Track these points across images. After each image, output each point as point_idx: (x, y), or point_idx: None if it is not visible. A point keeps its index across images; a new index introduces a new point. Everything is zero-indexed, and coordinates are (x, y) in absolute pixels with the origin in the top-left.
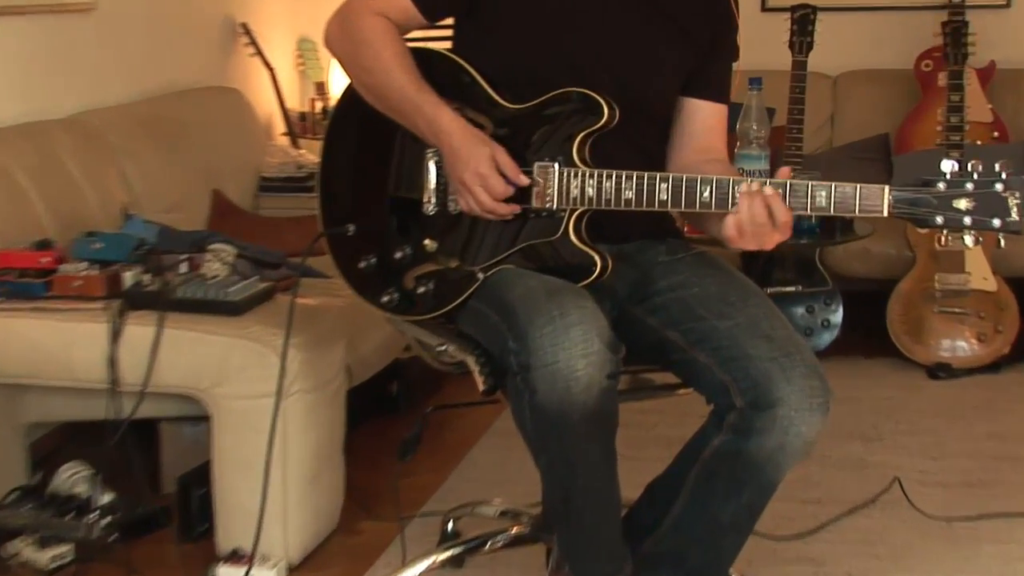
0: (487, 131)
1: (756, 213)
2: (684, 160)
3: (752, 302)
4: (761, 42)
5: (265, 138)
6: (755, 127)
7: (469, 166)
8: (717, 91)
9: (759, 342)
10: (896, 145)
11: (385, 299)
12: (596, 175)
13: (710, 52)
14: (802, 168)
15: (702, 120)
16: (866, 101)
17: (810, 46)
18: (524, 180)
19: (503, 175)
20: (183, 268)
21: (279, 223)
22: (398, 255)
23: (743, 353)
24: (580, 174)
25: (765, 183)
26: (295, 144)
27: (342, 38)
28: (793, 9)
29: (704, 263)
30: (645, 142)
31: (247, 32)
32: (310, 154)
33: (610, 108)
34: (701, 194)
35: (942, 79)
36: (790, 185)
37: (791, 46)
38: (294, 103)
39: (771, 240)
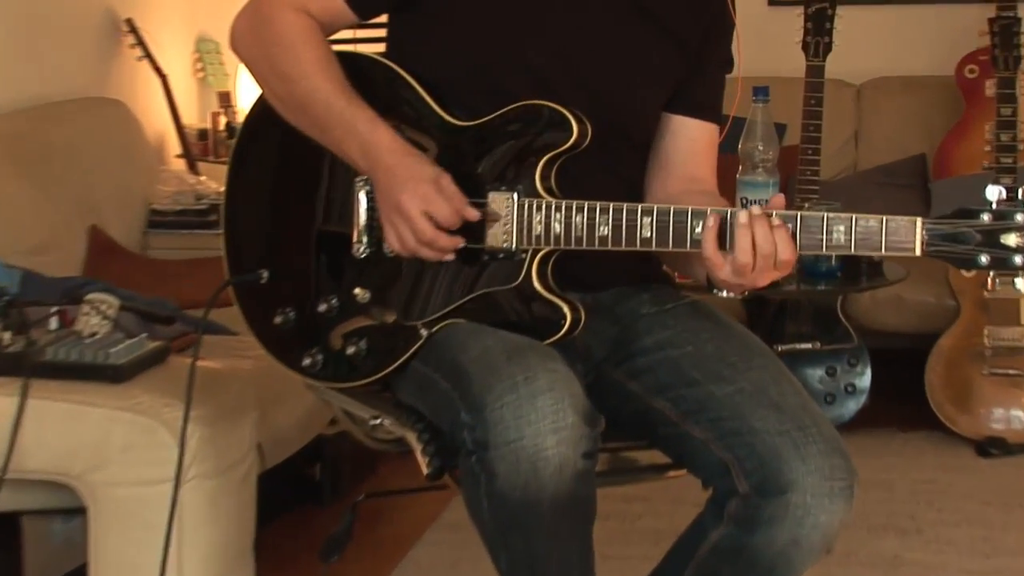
0: (430, 155)
1: (762, 243)
2: (667, 191)
3: (758, 363)
4: (769, 43)
5: (156, 162)
6: (761, 147)
7: (406, 188)
8: (707, 107)
9: (767, 412)
10: (935, 168)
11: (307, 362)
12: (564, 208)
13: (701, 59)
14: (819, 198)
15: (688, 142)
16: (897, 115)
17: (828, 48)
18: (473, 214)
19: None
20: (53, 324)
21: (173, 267)
22: (322, 307)
23: (747, 426)
24: (544, 206)
25: (771, 215)
26: (193, 169)
27: (252, 39)
28: (807, 3)
29: (698, 315)
30: (623, 168)
31: (133, 30)
32: (212, 182)
33: (580, 125)
34: (692, 230)
35: (990, 88)
36: (801, 218)
37: (805, 48)
38: (192, 118)
39: (766, 278)
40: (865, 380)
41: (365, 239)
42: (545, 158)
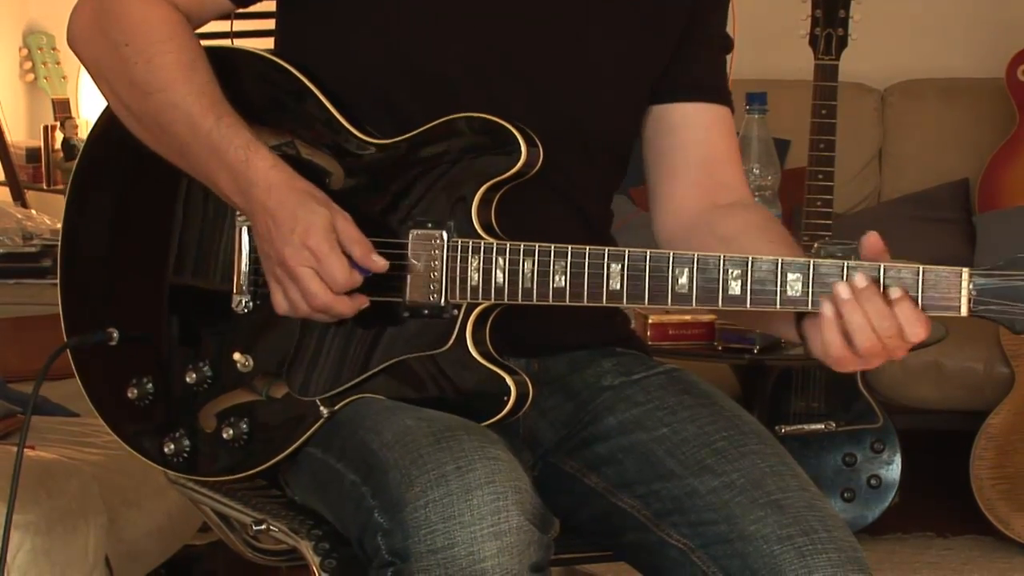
0: (334, 182)
1: (883, 328)
2: (685, 211)
3: (752, 448)
4: (767, 36)
5: None
6: (757, 170)
7: (290, 240)
8: (712, 87)
9: (763, 512)
10: (980, 197)
11: (168, 449)
12: (509, 251)
13: (690, 37)
14: (832, 236)
15: (701, 133)
16: (932, 128)
17: (843, 42)
18: (381, 264)
19: (348, 255)
20: None
21: None
22: (190, 377)
23: (738, 530)
24: (483, 249)
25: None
26: (19, 200)
27: (96, 35)
28: None
29: (676, 388)
30: (580, 195)
31: None
32: (45, 216)
33: (530, 147)
34: (676, 281)
35: None
36: (814, 267)
37: (813, 42)
38: (19, 134)
39: (899, 352)
40: (894, 471)
41: (248, 290)
42: (484, 187)
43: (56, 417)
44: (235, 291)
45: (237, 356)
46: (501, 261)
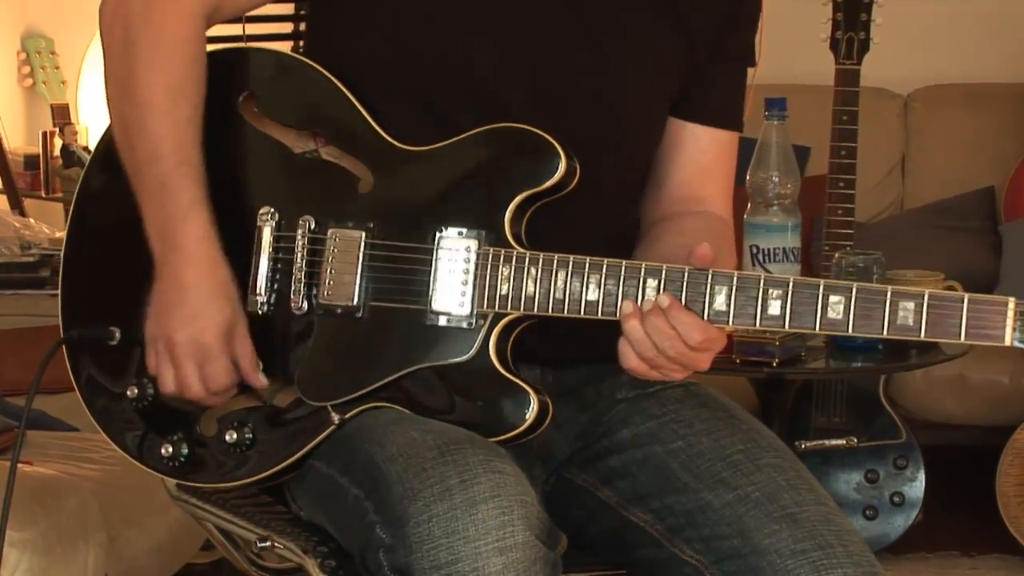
0: (363, 186)
1: (658, 338)
2: (653, 214)
3: (768, 462)
4: (787, 40)
5: None
6: (777, 178)
7: (184, 328)
8: (719, 110)
9: (778, 527)
10: (1006, 206)
11: (166, 451)
12: (542, 262)
13: (713, 50)
14: (854, 246)
15: (695, 154)
16: (957, 134)
17: (866, 46)
18: (261, 382)
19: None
20: None
21: None
22: None
23: (752, 545)
24: (515, 259)
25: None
26: (17, 208)
27: (118, 18)
28: None
29: (692, 401)
30: (615, 201)
31: None
32: (44, 225)
33: (568, 160)
34: (715, 299)
35: None
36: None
37: (834, 46)
38: (17, 140)
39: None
40: (917, 488)
41: (264, 289)
42: (519, 197)
43: (54, 432)
44: (251, 292)
45: None
46: (533, 271)
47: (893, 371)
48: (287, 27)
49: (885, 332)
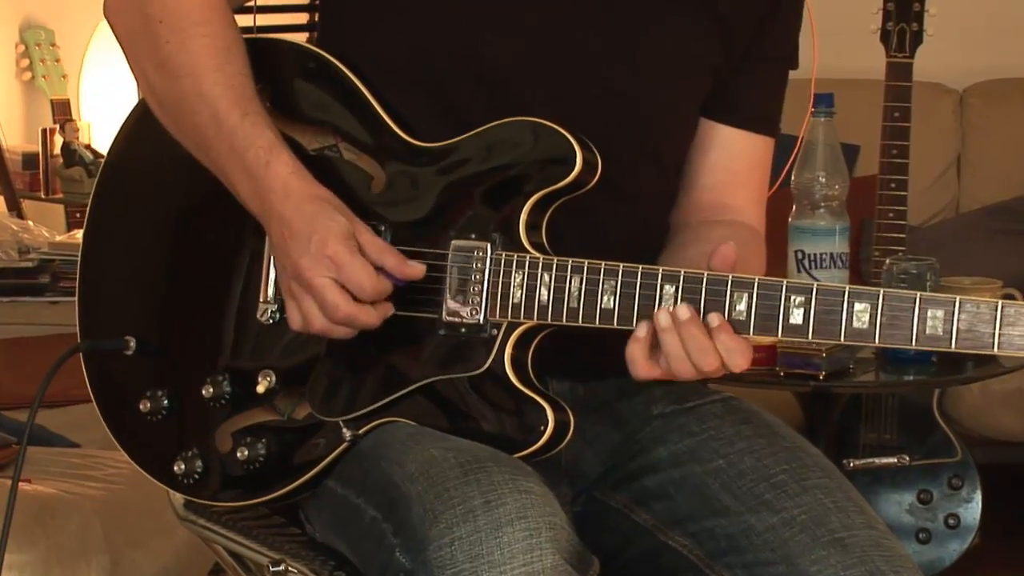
0: (374, 185)
1: (704, 363)
2: (676, 221)
3: (815, 482)
4: (835, 32)
5: None
6: (824, 178)
7: (307, 249)
8: (754, 113)
9: (826, 552)
10: None
11: (179, 468)
12: (556, 267)
13: (752, 51)
14: (907, 251)
15: (725, 160)
16: (1016, 132)
17: (919, 38)
18: (416, 270)
19: (380, 267)
20: None
21: None
22: (208, 391)
23: (797, 572)
24: (527, 264)
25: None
26: (15, 210)
27: (131, 4)
28: None
29: (733, 417)
30: (646, 203)
31: None
32: (44, 228)
33: (587, 153)
34: (735, 306)
35: None
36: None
37: (885, 38)
38: (15, 137)
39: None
40: (973, 509)
41: (276, 298)
42: (534, 198)
43: (55, 448)
44: (262, 299)
45: (260, 371)
46: (547, 278)
47: (948, 384)
48: (302, 17)
49: (914, 343)
